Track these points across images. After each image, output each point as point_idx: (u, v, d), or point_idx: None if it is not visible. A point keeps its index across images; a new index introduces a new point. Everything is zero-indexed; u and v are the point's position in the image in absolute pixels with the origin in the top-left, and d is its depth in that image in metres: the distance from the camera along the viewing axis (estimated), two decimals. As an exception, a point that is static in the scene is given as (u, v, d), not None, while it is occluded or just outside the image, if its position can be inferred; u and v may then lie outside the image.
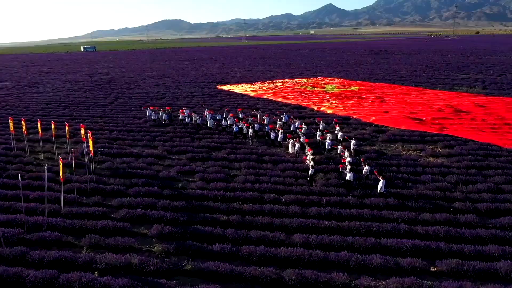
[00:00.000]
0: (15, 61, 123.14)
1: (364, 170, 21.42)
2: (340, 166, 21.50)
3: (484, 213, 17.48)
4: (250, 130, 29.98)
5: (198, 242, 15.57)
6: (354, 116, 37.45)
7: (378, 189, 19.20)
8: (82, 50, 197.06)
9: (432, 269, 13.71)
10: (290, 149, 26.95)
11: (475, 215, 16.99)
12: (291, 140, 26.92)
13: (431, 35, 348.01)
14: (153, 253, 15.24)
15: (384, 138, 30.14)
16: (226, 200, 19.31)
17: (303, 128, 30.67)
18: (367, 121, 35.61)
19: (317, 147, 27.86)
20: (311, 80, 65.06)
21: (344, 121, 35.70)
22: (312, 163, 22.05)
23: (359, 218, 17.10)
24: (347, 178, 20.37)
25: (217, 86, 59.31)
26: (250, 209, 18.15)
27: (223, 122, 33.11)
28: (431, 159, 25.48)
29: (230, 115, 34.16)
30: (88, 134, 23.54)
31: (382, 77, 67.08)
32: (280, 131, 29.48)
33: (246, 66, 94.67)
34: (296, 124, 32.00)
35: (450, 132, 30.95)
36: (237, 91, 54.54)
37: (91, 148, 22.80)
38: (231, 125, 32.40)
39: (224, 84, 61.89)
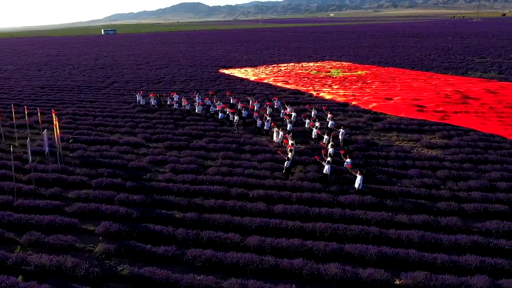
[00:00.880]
0: (28, 44, 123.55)
1: (345, 163, 19.59)
2: (316, 157, 19.66)
3: (470, 215, 15.54)
4: (236, 117, 28.30)
5: (144, 242, 14.15)
6: (353, 103, 35.31)
7: (356, 185, 17.39)
8: (102, 33, 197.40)
9: (397, 282, 11.96)
10: (275, 138, 25.22)
11: (458, 218, 15.06)
12: (275, 129, 25.16)
13: (453, 17, 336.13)
14: (94, 253, 13.90)
15: (379, 126, 28.07)
16: (189, 194, 17.82)
17: (293, 116, 28.83)
18: (366, 108, 33.47)
19: (306, 136, 26.10)
20: (317, 64, 62.63)
21: (341, 108, 33.64)
22: (289, 154, 20.30)
23: (328, 218, 15.39)
24: (324, 171, 18.61)
25: (219, 70, 57.53)
26: (211, 205, 16.63)
27: (211, 108, 31.48)
28: (425, 150, 23.41)
29: (213, 100, 32.65)
30: (55, 121, 22.41)
31: (393, 61, 64.10)
32: (268, 118, 27.76)
33: (255, 49, 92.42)
34: (288, 109, 30.14)
35: (452, 121, 28.65)
36: (238, 75, 52.70)
37: (56, 134, 21.61)
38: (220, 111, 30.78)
39: (227, 68, 60.08)
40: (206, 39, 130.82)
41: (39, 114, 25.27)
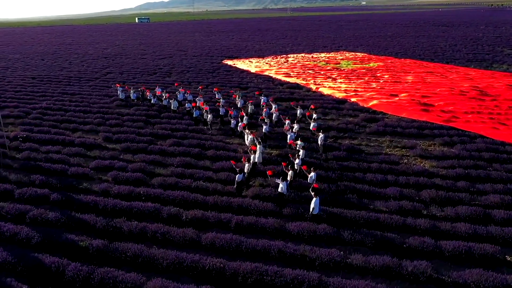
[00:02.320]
0: (48, 33, 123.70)
1: (309, 178, 16.26)
2: (284, 164, 16.37)
3: (448, 258, 12.00)
4: (209, 115, 25.25)
5: (28, 280, 11.43)
6: (352, 99, 31.55)
7: (310, 209, 14.05)
8: (137, 21, 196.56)
9: None
10: (246, 141, 21.99)
11: (428, 262, 11.57)
12: (246, 131, 21.94)
13: (491, 5, 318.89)
14: (-37, 293, 11.29)
15: (372, 129, 24.41)
16: (115, 212, 15.00)
17: (274, 115, 25.58)
18: (365, 106, 29.72)
19: (285, 139, 22.77)
20: (329, 54, 58.48)
21: (336, 106, 29.97)
22: (245, 166, 17.14)
23: (263, 254, 12.22)
24: (279, 189, 15.35)
25: (222, 61, 54.41)
26: (131, 229, 13.73)
27: (187, 104, 28.48)
28: (418, 161, 19.68)
29: (200, 95, 29.76)
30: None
31: (413, 52, 59.19)
32: (245, 117, 24.65)
33: (272, 38, 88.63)
34: (273, 107, 26.88)
35: (459, 123, 24.61)
36: (241, 66, 49.43)
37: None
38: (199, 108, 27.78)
39: (232, 58, 56.90)
40: (225, 28, 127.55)
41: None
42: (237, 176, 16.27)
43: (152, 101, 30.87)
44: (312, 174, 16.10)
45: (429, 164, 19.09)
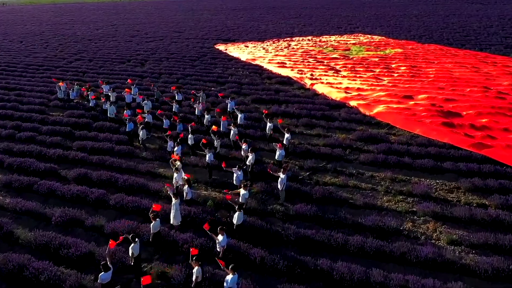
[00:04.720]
0: (52, 11, 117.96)
1: (225, 282, 9.23)
2: (193, 251, 9.59)
3: None
4: (141, 131, 18.32)
5: None
6: (352, 103, 24.01)
7: None
8: None
9: None
10: (174, 178, 14.77)
11: None
12: (177, 162, 14.90)
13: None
14: None
15: (368, 157, 16.93)
16: None
17: (232, 132, 18.37)
18: (367, 114, 22.25)
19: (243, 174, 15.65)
20: (341, 38, 50.07)
21: (328, 113, 22.51)
22: (132, 245, 10.23)
23: None
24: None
25: (215, 45, 46.95)
26: None
27: (126, 111, 21.48)
28: (430, 224, 12.31)
29: (141, 96, 22.94)
30: None
31: (440, 35, 50.18)
32: (189, 136, 17.67)
33: (282, 18, 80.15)
34: (239, 117, 19.74)
35: (496, 150, 16.83)
36: (232, 52, 41.90)
37: None
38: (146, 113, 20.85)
39: (228, 42, 49.35)
40: (238, 6, 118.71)
41: None
42: (100, 276, 9.31)
43: (90, 104, 24.08)
44: (229, 277, 9.05)
45: (446, 236, 11.69)
